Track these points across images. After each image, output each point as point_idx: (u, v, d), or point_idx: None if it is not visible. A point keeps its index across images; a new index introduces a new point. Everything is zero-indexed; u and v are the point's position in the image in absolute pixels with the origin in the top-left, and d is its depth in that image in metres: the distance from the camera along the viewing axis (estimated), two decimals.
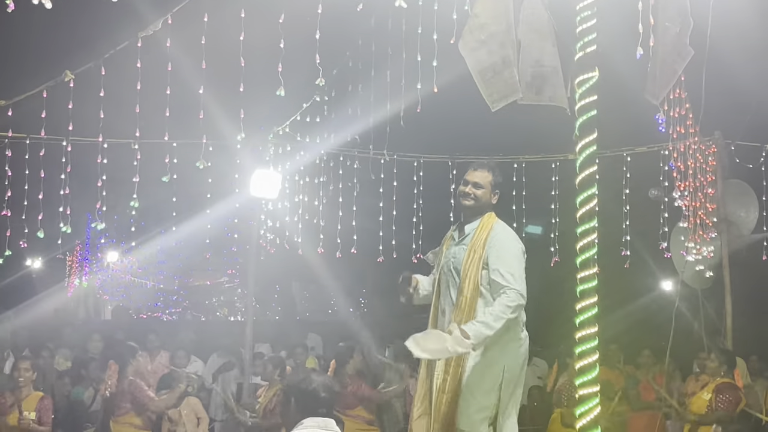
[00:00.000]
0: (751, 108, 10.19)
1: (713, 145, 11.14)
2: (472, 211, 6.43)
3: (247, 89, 7.93)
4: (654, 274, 13.99)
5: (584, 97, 5.17)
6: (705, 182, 10.82)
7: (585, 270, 5.09)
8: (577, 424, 5.12)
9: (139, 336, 13.07)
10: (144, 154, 10.02)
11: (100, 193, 9.88)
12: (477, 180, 6.40)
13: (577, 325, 5.11)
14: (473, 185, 6.41)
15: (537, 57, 6.34)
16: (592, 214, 5.13)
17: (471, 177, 6.43)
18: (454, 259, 6.35)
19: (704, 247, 10.78)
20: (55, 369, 12.29)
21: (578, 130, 5.18)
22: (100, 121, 8.80)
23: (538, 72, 6.35)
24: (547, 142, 11.50)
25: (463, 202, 6.42)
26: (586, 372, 5.06)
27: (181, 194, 11.22)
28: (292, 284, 26.07)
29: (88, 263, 22.97)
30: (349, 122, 10.69)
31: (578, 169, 5.19)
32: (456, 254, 6.35)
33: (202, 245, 18.98)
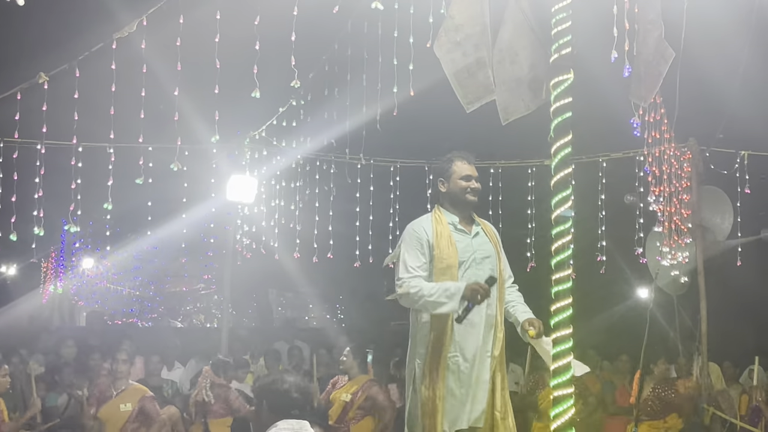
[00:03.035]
0: (726, 114, 10.24)
1: (688, 152, 11.19)
2: (475, 207, 6.48)
3: (223, 92, 7.90)
4: (630, 280, 14.03)
5: (559, 99, 5.18)
6: (680, 188, 10.87)
7: (560, 271, 5.10)
8: (552, 425, 5.13)
9: (114, 342, 13.00)
10: (119, 158, 9.97)
11: (75, 197, 9.82)
12: (477, 174, 6.43)
13: (552, 327, 5.13)
14: (476, 179, 6.41)
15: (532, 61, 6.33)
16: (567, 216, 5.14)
17: (473, 172, 6.41)
18: (481, 250, 6.32)
19: (679, 253, 10.83)
20: (27, 374, 12.18)
21: (553, 132, 5.20)
22: (74, 124, 8.75)
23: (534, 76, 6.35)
24: (524, 148, 11.52)
25: (472, 198, 6.39)
26: (561, 373, 5.07)
27: (157, 198, 11.14)
28: (269, 291, 26.00)
29: (63, 269, 22.81)
30: (325, 126, 10.69)
31: (553, 171, 5.20)
32: (481, 246, 6.34)
33: (178, 250, 18.95)
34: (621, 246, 12.34)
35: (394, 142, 11.73)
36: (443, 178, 6.41)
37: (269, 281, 22.94)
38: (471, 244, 6.29)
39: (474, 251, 6.27)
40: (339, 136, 10.81)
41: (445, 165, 6.41)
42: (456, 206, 6.37)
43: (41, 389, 11.69)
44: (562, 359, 5.08)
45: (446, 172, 6.39)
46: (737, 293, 13.96)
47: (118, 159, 10.01)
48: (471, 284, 5.96)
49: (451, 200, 6.38)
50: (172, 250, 20.73)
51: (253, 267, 14.99)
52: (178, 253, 22.03)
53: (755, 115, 10.44)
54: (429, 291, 5.97)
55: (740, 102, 9.90)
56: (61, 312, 24.10)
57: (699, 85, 8.98)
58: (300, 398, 5.01)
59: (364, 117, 9.14)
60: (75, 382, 11.49)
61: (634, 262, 12.11)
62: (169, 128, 8.83)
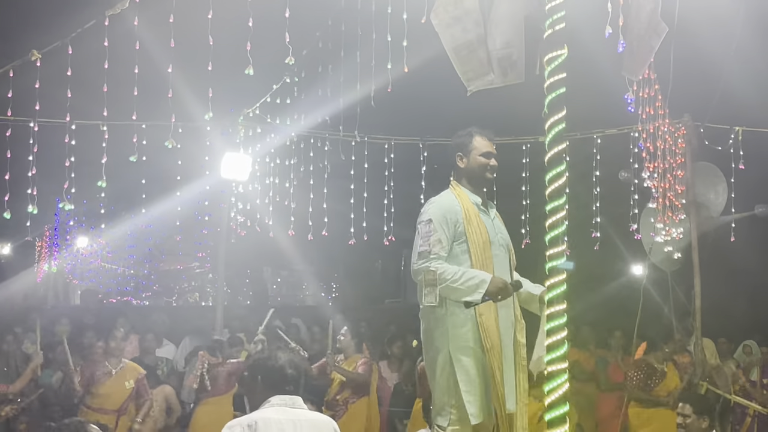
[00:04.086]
0: (720, 90, 10.22)
1: (682, 128, 11.18)
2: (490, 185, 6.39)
3: (216, 69, 7.87)
4: (624, 257, 14.06)
5: (553, 75, 5.17)
6: (674, 164, 10.87)
7: (554, 247, 5.11)
8: (545, 401, 5.14)
9: (109, 320, 13.02)
10: (112, 135, 9.96)
11: (68, 175, 9.81)
12: (495, 152, 6.30)
13: (546, 302, 5.13)
14: (495, 157, 6.29)
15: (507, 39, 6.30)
16: (561, 191, 5.14)
17: (493, 149, 6.28)
18: (501, 234, 6.22)
19: (673, 229, 10.84)
20: (22, 353, 12.20)
21: (547, 108, 5.19)
22: (67, 101, 8.72)
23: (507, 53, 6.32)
24: (519, 124, 11.51)
25: (491, 176, 6.27)
26: (555, 349, 5.08)
27: (151, 176, 11.14)
28: (264, 269, 26.01)
29: (58, 248, 22.78)
30: (319, 104, 10.65)
31: (547, 147, 5.19)
32: (500, 230, 6.24)
33: (172, 228, 18.93)
34: (615, 222, 12.35)
35: (389, 119, 11.71)
36: (462, 153, 6.23)
37: (264, 259, 22.94)
38: (493, 227, 6.17)
39: (496, 234, 6.17)
40: (333, 113, 10.79)
41: (465, 139, 6.24)
42: (474, 183, 6.22)
43: None
44: (556, 335, 5.09)
45: (466, 147, 6.22)
46: (731, 269, 13.99)
47: (112, 137, 10.00)
48: (497, 280, 5.83)
49: (469, 177, 6.22)
50: (166, 228, 20.73)
51: (247, 245, 15.00)
52: (172, 231, 22.03)
53: (750, 90, 10.43)
54: (453, 276, 5.79)
55: (735, 78, 9.89)
56: (55, 290, 24.12)
57: (693, 60, 8.96)
58: (294, 374, 5.03)
59: (359, 94, 9.11)
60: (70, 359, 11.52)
61: (628, 238, 12.12)
62: (163, 106, 8.82)
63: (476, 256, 5.95)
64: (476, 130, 6.27)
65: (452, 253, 5.96)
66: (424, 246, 5.88)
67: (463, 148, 6.23)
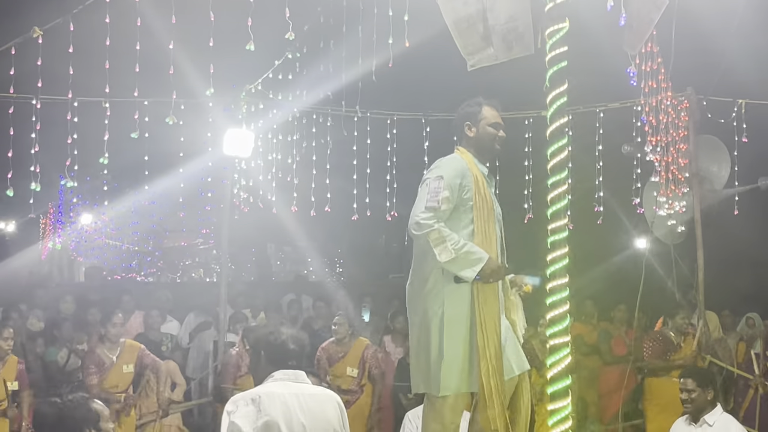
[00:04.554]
0: (723, 63, 10.21)
1: (685, 101, 11.15)
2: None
3: (218, 45, 7.87)
4: (627, 230, 14.06)
5: (555, 48, 5.17)
6: (677, 137, 10.84)
7: (556, 221, 5.12)
8: (548, 374, 5.17)
9: (114, 297, 13.06)
10: (114, 112, 9.95)
11: (71, 152, 9.82)
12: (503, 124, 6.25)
13: (548, 276, 5.15)
14: (503, 129, 6.24)
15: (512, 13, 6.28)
16: (563, 165, 5.16)
17: (501, 121, 6.21)
18: (497, 210, 6.13)
19: (676, 202, 10.84)
20: (27, 330, 12.26)
21: (549, 81, 5.20)
22: (69, 78, 8.71)
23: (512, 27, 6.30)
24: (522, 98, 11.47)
25: (498, 148, 6.21)
26: (557, 322, 5.10)
27: (153, 153, 11.12)
28: (267, 245, 26.06)
29: (62, 225, 22.82)
30: (321, 79, 10.64)
31: (549, 121, 5.20)
32: (497, 204, 6.14)
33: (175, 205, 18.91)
34: (618, 196, 12.34)
35: (391, 94, 11.69)
36: (471, 122, 6.14)
37: (267, 235, 22.96)
38: (494, 201, 6.09)
39: (496, 208, 6.09)
40: (335, 89, 10.77)
41: (474, 109, 6.16)
42: (481, 153, 6.15)
43: (41, 345, 11.80)
44: (558, 308, 5.11)
45: (475, 116, 6.14)
46: (734, 242, 13.99)
47: (114, 113, 9.99)
48: (494, 262, 5.75)
49: (477, 146, 6.13)
50: (169, 204, 20.71)
51: (250, 221, 15.02)
52: (175, 208, 21.98)
53: (753, 63, 10.41)
54: (453, 244, 5.67)
55: (738, 50, 9.87)
56: (60, 268, 24.19)
57: (696, 33, 8.94)
58: (296, 349, 5.06)
59: (360, 69, 9.10)
60: (75, 336, 11.59)
61: (631, 212, 12.13)
62: (165, 82, 8.81)
63: (479, 226, 5.88)
64: (485, 100, 6.20)
65: (454, 218, 5.87)
66: (432, 201, 5.74)
67: (473, 117, 6.15)
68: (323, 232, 20.80)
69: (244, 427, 4.74)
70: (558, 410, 5.10)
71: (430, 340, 5.81)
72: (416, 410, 8.82)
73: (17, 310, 12.43)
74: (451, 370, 5.75)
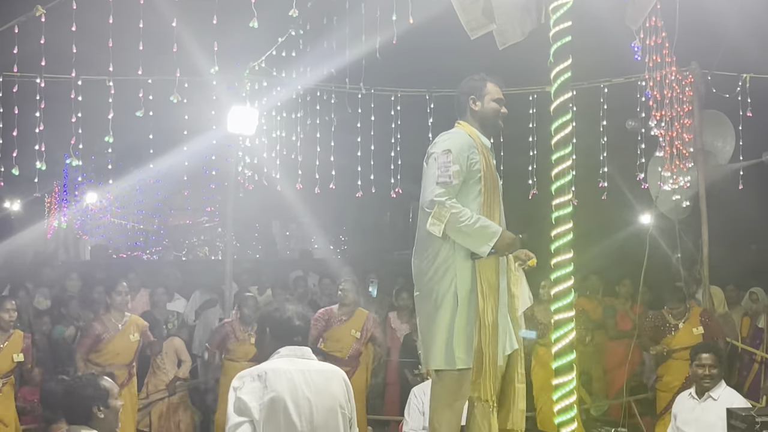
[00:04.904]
0: (728, 37, 10.16)
1: (690, 75, 11.12)
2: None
3: (221, 22, 7.86)
4: (632, 206, 14.06)
5: (559, 23, 5.16)
6: (682, 112, 10.82)
7: (560, 196, 5.13)
8: (552, 349, 5.19)
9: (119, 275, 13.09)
10: (118, 90, 9.95)
11: (76, 130, 9.83)
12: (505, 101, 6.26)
13: (553, 251, 5.16)
14: (505, 105, 6.25)
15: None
16: (567, 140, 5.16)
17: (503, 97, 6.22)
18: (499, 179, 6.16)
19: (681, 177, 10.82)
20: (34, 308, 12.32)
21: (553, 57, 5.19)
22: (73, 57, 8.71)
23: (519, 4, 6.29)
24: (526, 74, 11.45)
25: (501, 123, 6.21)
26: (562, 297, 5.12)
27: (158, 131, 11.11)
28: (272, 223, 26.08)
29: (67, 204, 22.84)
30: (325, 57, 10.62)
31: (553, 96, 5.20)
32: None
33: (180, 183, 18.97)
34: (622, 171, 12.33)
35: (395, 71, 11.66)
36: (475, 96, 6.13)
37: (272, 213, 23.00)
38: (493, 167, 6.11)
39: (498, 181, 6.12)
40: (339, 66, 10.75)
41: (479, 83, 6.16)
42: (485, 128, 6.14)
43: (47, 323, 11.85)
44: (562, 284, 5.12)
45: (480, 90, 6.13)
46: (739, 217, 13.98)
47: (118, 92, 9.99)
48: (508, 235, 5.77)
49: (481, 120, 6.12)
50: (174, 182, 20.77)
51: (255, 199, 15.04)
52: (180, 186, 22.08)
53: (758, 37, 10.37)
54: (467, 220, 5.68)
55: (742, 24, 9.83)
56: (65, 246, 24.24)
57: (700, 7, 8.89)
58: (302, 326, 5.08)
59: (364, 47, 9.09)
60: (81, 314, 11.64)
61: (636, 187, 12.12)
62: (169, 60, 8.81)
63: (487, 198, 5.89)
64: (488, 76, 6.21)
65: (463, 191, 5.85)
66: (443, 177, 5.72)
67: (477, 91, 6.15)
68: (328, 210, 20.80)
69: (251, 402, 4.77)
70: (563, 384, 5.12)
71: (443, 314, 5.82)
72: (422, 386, 8.86)
73: (24, 288, 12.49)
74: (462, 343, 5.78)
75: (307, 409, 4.84)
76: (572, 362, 5.12)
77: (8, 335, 9.56)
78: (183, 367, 11.31)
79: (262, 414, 4.77)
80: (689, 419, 7.69)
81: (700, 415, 7.61)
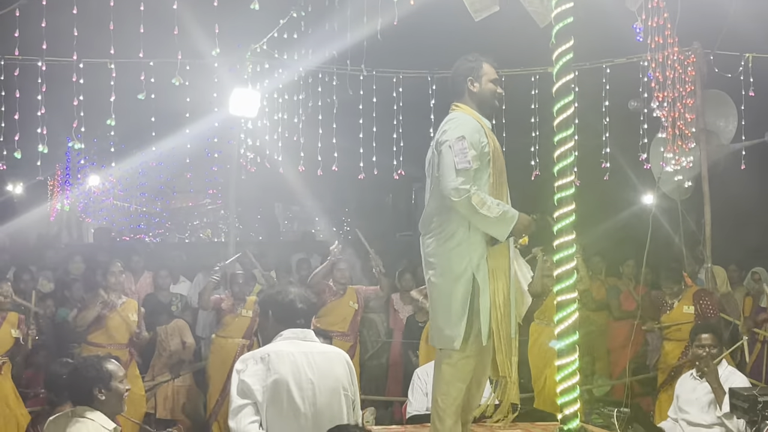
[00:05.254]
0: (730, 17, 10.12)
1: (692, 55, 11.09)
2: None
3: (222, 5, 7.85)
4: (634, 186, 14.05)
5: (561, 4, 5.16)
6: (684, 92, 10.79)
7: (562, 178, 5.14)
8: (555, 330, 5.21)
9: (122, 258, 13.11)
10: (120, 73, 9.95)
11: (78, 113, 9.83)
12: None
13: (555, 233, 5.18)
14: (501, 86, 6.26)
15: None
16: (570, 121, 5.17)
17: (498, 77, 6.22)
18: None
19: (683, 158, 10.81)
20: (37, 291, 12.34)
21: (555, 38, 5.19)
22: (74, 40, 8.70)
23: None
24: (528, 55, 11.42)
25: (498, 104, 6.21)
26: (564, 279, 5.13)
27: (160, 114, 11.11)
28: (275, 205, 26.07)
29: (69, 187, 22.83)
30: (326, 38, 10.60)
31: (555, 77, 5.20)
32: None
33: (182, 165, 18.91)
34: (625, 152, 12.32)
35: (397, 53, 11.63)
36: (473, 77, 6.08)
37: (275, 195, 22.98)
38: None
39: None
40: (340, 48, 10.73)
41: (475, 64, 6.11)
42: (483, 109, 6.09)
43: (51, 305, 11.88)
44: (565, 265, 5.14)
45: (477, 71, 6.09)
46: (741, 196, 13.96)
47: (120, 74, 9.99)
48: (525, 218, 5.76)
49: (479, 102, 6.08)
50: (177, 165, 20.70)
51: (258, 181, 15.03)
52: (183, 169, 22.01)
53: (760, 17, 10.33)
54: (489, 207, 5.65)
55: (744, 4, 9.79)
56: (69, 229, 24.24)
57: None
58: (304, 308, 5.10)
59: (366, 28, 9.07)
60: (85, 297, 11.66)
61: (638, 168, 12.11)
62: (170, 42, 8.80)
63: (496, 179, 5.89)
64: (483, 57, 6.16)
65: (477, 175, 5.81)
66: (462, 163, 5.67)
67: (475, 72, 6.10)
68: (330, 192, 20.81)
69: (254, 385, 4.79)
70: (565, 365, 5.14)
71: (456, 296, 5.84)
72: (425, 367, 8.88)
73: (27, 271, 12.51)
74: (475, 325, 5.82)
75: (310, 391, 4.86)
76: (575, 343, 5.14)
77: (2, 316, 9.60)
78: (186, 349, 11.35)
79: (266, 396, 4.80)
80: (691, 399, 7.70)
81: (701, 395, 7.62)
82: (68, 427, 5.20)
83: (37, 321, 10.42)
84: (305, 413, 4.84)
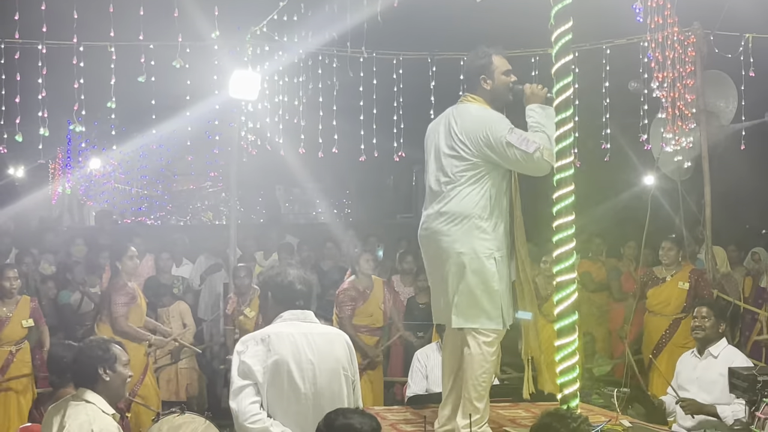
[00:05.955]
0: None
1: (692, 36, 11.07)
2: None
3: None
4: (635, 167, 14.06)
5: None
6: (684, 73, 10.78)
7: (562, 159, 5.15)
8: (555, 311, 5.23)
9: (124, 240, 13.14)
10: (120, 56, 9.94)
11: (78, 96, 9.83)
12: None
13: (555, 214, 5.19)
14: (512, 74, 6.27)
15: None
16: (569, 103, 5.18)
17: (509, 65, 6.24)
18: None
19: (683, 138, 10.81)
20: (39, 273, 12.39)
21: (553, 19, 5.19)
22: (74, 23, 8.70)
23: None
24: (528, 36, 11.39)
25: (512, 97, 6.21)
26: (563, 260, 5.16)
27: (160, 96, 11.10)
28: (276, 188, 26.08)
29: (71, 170, 22.85)
30: (326, 20, 10.59)
31: (554, 59, 5.21)
32: None
33: (183, 148, 18.94)
34: (625, 133, 12.32)
35: (397, 35, 11.60)
36: (486, 75, 6.12)
37: (276, 177, 22.98)
38: None
39: None
40: (341, 30, 10.72)
41: (485, 60, 6.13)
42: (495, 104, 6.16)
43: (53, 288, 11.93)
44: (564, 246, 5.16)
45: (488, 67, 6.12)
46: (741, 177, 13.97)
47: (120, 57, 9.98)
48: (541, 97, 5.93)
49: (492, 98, 6.14)
50: (177, 148, 20.70)
51: (259, 163, 15.04)
52: (184, 151, 22.02)
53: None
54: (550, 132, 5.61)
55: None
56: (70, 212, 24.28)
57: None
58: (304, 290, 5.12)
59: (366, 10, 9.05)
60: (87, 279, 11.71)
61: (638, 149, 12.11)
62: (170, 25, 8.79)
63: None
64: (491, 49, 6.18)
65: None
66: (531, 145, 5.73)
67: (486, 69, 6.13)
68: (331, 174, 20.83)
69: (254, 366, 4.83)
70: (565, 345, 5.17)
71: (484, 277, 5.93)
72: (424, 350, 8.94)
73: (29, 254, 12.55)
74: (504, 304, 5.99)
75: (311, 372, 4.90)
76: (574, 323, 5.17)
77: (15, 302, 9.63)
78: (187, 333, 11.38)
79: (266, 377, 4.84)
80: (691, 377, 7.74)
81: (701, 374, 7.65)
82: (68, 409, 5.22)
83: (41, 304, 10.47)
84: (306, 393, 4.88)
